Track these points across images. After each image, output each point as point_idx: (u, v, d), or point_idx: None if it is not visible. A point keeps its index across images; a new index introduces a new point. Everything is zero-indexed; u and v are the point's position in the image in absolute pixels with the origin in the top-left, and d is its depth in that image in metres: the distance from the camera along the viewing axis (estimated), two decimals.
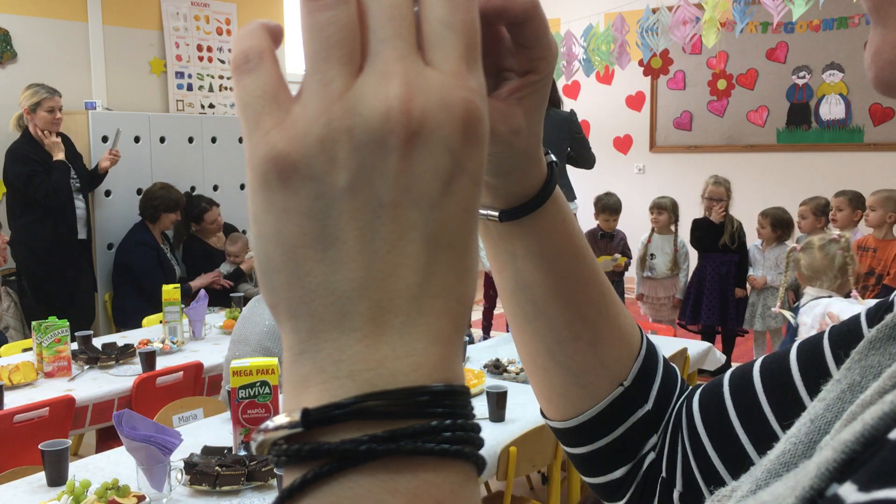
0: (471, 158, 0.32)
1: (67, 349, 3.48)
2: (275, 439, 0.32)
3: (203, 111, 6.30)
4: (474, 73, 0.33)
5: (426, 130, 0.31)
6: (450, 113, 0.32)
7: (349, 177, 0.31)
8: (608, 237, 5.94)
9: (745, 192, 6.51)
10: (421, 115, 0.31)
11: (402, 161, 0.31)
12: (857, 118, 7.73)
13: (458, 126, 0.32)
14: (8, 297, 4.78)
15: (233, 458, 2.29)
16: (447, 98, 0.32)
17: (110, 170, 5.15)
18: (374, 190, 0.32)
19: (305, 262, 0.32)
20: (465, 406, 0.33)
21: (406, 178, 0.31)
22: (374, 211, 0.32)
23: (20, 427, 2.88)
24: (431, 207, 0.32)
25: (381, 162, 0.31)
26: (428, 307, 0.33)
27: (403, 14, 0.33)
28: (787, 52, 7.97)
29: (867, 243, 4.91)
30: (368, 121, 0.31)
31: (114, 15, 5.76)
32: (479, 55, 0.34)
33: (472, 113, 0.32)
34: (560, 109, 5.34)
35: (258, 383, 2.38)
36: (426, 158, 0.31)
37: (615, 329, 0.63)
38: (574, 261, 0.60)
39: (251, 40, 0.34)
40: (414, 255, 0.32)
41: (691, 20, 5.93)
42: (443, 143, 0.32)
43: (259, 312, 3.29)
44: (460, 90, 0.32)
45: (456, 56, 0.33)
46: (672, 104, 8.61)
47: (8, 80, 5.18)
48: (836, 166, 7.77)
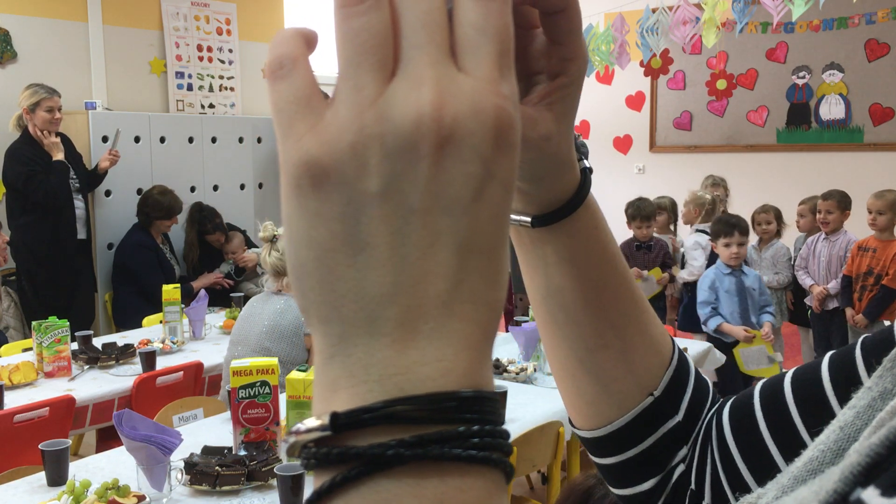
0: (502, 166, 0.32)
1: (67, 349, 3.48)
2: (305, 442, 0.32)
3: (203, 111, 6.30)
4: (507, 78, 0.33)
5: (457, 137, 0.31)
6: (481, 119, 0.32)
7: (380, 182, 0.32)
8: (645, 248, 5.45)
9: (745, 192, 6.51)
10: (452, 122, 0.31)
11: (433, 167, 0.31)
12: (857, 118, 7.73)
13: (490, 133, 0.32)
14: (8, 297, 4.78)
15: (233, 457, 2.29)
16: (479, 104, 0.32)
17: (110, 170, 5.15)
18: (404, 196, 0.32)
19: (336, 267, 0.32)
20: (494, 412, 0.33)
21: (437, 185, 0.32)
22: (404, 217, 0.32)
23: (20, 427, 2.88)
24: (462, 214, 0.32)
25: (412, 168, 0.31)
26: (458, 313, 0.33)
27: (437, 20, 0.33)
28: (787, 52, 7.97)
29: (868, 244, 4.91)
30: (400, 127, 0.31)
31: (114, 15, 5.76)
32: (512, 61, 0.34)
33: (504, 119, 0.32)
34: None
35: (258, 383, 2.39)
36: (457, 165, 0.32)
37: (646, 338, 0.62)
38: (606, 268, 0.59)
39: (285, 46, 0.34)
40: (444, 261, 0.32)
41: (691, 20, 5.93)
42: (474, 149, 0.32)
43: (258, 313, 3.30)
44: (492, 96, 0.32)
45: (489, 62, 0.33)
46: (672, 104, 8.60)
47: (8, 80, 5.18)
48: (836, 166, 7.77)
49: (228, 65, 6.48)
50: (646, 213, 5.36)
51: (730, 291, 4.51)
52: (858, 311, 4.86)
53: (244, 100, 6.60)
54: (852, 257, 4.97)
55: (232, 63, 6.50)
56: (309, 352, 3.22)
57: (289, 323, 3.20)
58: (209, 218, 5.53)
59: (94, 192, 5.26)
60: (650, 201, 5.60)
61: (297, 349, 3.20)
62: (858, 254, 4.93)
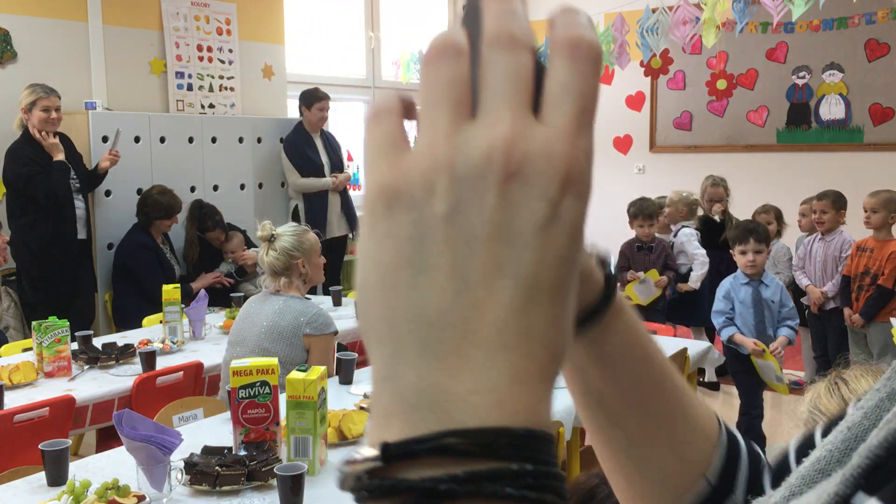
0: (569, 210, 0.33)
1: (67, 349, 3.48)
2: (358, 473, 0.32)
3: (203, 111, 6.30)
4: (584, 134, 0.34)
5: (525, 173, 0.33)
6: (551, 162, 0.33)
7: (447, 207, 0.33)
8: (646, 249, 5.37)
9: (745, 193, 6.51)
10: (521, 158, 0.33)
11: (498, 198, 0.33)
12: (857, 118, 7.72)
13: (559, 176, 0.33)
14: (8, 297, 4.78)
15: (233, 457, 2.29)
16: (551, 149, 0.33)
17: (110, 170, 5.15)
18: (469, 222, 0.33)
19: (398, 286, 0.33)
20: (548, 452, 0.33)
21: (501, 215, 0.33)
22: (467, 242, 0.33)
23: (20, 427, 2.88)
24: (524, 247, 0.33)
25: (478, 196, 0.33)
26: (513, 345, 0.33)
27: (521, 75, 0.34)
28: (787, 52, 7.97)
29: (867, 244, 4.92)
30: (470, 157, 0.33)
31: (114, 15, 5.76)
32: (593, 120, 0.35)
33: (575, 167, 0.33)
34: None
35: (258, 383, 2.39)
36: (522, 200, 0.33)
37: (693, 425, 0.62)
38: (643, 367, 0.59)
39: (385, 101, 0.37)
40: (503, 290, 0.33)
41: (691, 20, 5.93)
42: (540, 189, 0.33)
43: (256, 313, 3.29)
44: (566, 145, 0.33)
45: (569, 115, 0.34)
46: (672, 104, 8.60)
47: (8, 80, 5.18)
48: (836, 166, 7.77)
49: (228, 65, 6.48)
50: (648, 212, 5.33)
51: (745, 302, 4.28)
52: (856, 311, 4.87)
53: (244, 100, 6.60)
54: (851, 257, 4.98)
55: (232, 63, 6.50)
56: (308, 352, 3.22)
57: (287, 323, 3.19)
58: (209, 215, 5.53)
59: (95, 192, 5.26)
60: (652, 200, 5.58)
61: (296, 350, 3.19)
62: (857, 254, 4.94)
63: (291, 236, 3.33)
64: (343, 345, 4.14)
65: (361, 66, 8.15)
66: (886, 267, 4.74)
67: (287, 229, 3.38)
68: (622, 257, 5.32)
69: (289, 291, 3.31)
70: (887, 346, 4.80)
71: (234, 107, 6.52)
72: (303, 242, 3.35)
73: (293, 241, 3.32)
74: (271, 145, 6.36)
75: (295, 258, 3.30)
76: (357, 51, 8.11)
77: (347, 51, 8.02)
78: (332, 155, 6.39)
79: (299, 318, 3.20)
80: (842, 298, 5.03)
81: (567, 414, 2.90)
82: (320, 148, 6.33)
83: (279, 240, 3.31)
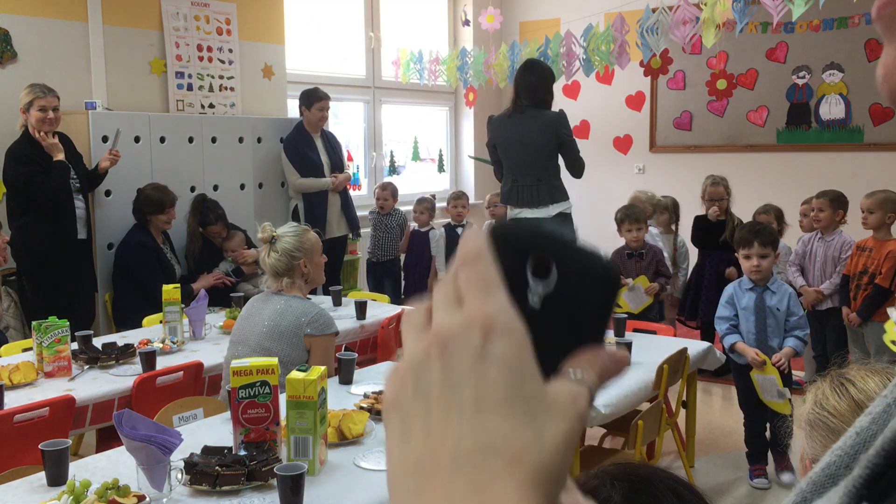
0: (497, 347, 0.42)
1: (67, 349, 3.48)
2: None
3: (203, 111, 6.30)
4: (491, 297, 0.44)
5: (451, 341, 0.43)
6: (469, 326, 0.43)
7: (413, 386, 0.44)
8: (637, 256, 5.17)
9: (745, 192, 6.51)
10: (447, 333, 0.43)
11: (439, 362, 0.43)
12: (857, 118, 7.73)
13: (477, 331, 0.43)
14: (8, 297, 4.78)
15: (233, 457, 2.29)
16: (467, 318, 0.43)
17: (110, 170, 5.15)
18: (426, 384, 0.43)
19: (393, 450, 0.43)
20: None
21: (444, 373, 0.42)
22: (426, 402, 0.43)
23: (20, 427, 2.89)
24: (463, 385, 0.42)
25: (426, 366, 0.43)
26: (470, 464, 0.40)
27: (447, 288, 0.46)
28: (787, 51, 7.97)
29: (866, 244, 4.93)
30: (415, 352, 0.45)
31: (114, 15, 5.76)
32: (490, 286, 0.44)
33: (490, 320, 0.43)
34: (549, 110, 5.27)
35: (258, 383, 2.39)
36: (455, 358, 0.43)
37: None
38: None
39: (414, 316, 0.47)
40: (454, 422, 0.41)
41: (691, 20, 5.93)
42: (465, 344, 0.43)
43: (258, 313, 3.29)
44: (477, 312, 0.43)
45: (473, 295, 0.44)
46: (672, 104, 8.60)
47: (8, 80, 5.18)
48: (836, 166, 7.77)
49: (228, 65, 6.48)
50: (636, 216, 5.18)
51: (747, 309, 4.01)
52: (853, 310, 4.88)
53: (244, 100, 6.60)
54: (851, 257, 4.99)
55: (232, 63, 6.50)
56: (308, 352, 3.22)
57: (288, 323, 3.20)
58: (211, 209, 5.54)
59: (95, 192, 5.26)
60: (638, 206, 5.51)
61: (297, 349, 3.19)
62: (857, 253, 4.96)
63: (292, 237, 3.33)
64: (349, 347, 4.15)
65: (361, 66, 8.15)
66: (884, 266, 4.75)
67: (287, 230, 3.37)
68: None
69: (291, 291, 3.31)
70: (884, 345, 4.80)
71: (234, 107, 6.52)
72: (304, 242, 3.35)
73: (294, 241, 3.32)
74: (271, 145, 6.36)
75: (296, 258, 3.30)
76: (357, 51, 8.12)
77: (347, 51, 8.02)
78: (332, 155, 6.39)
79: (301, 317, 3.20)
80: (841, 298, 5.03)
81: None
82: (320, 148, 6.33)
83: (280, 241, 3.31)
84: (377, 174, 8.30)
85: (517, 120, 5.19)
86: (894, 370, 1.25)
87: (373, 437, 2.61)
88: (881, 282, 4.75)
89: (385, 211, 6.85)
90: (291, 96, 6.84)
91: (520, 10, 9.41)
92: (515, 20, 9.38)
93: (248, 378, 2.38)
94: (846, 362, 1.43)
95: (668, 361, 3.52)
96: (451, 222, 6.78)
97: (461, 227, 6.72)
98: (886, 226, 4.85)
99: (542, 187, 5.14)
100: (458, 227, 6.73)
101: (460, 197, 6.82)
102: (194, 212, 5.53)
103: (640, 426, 3.19)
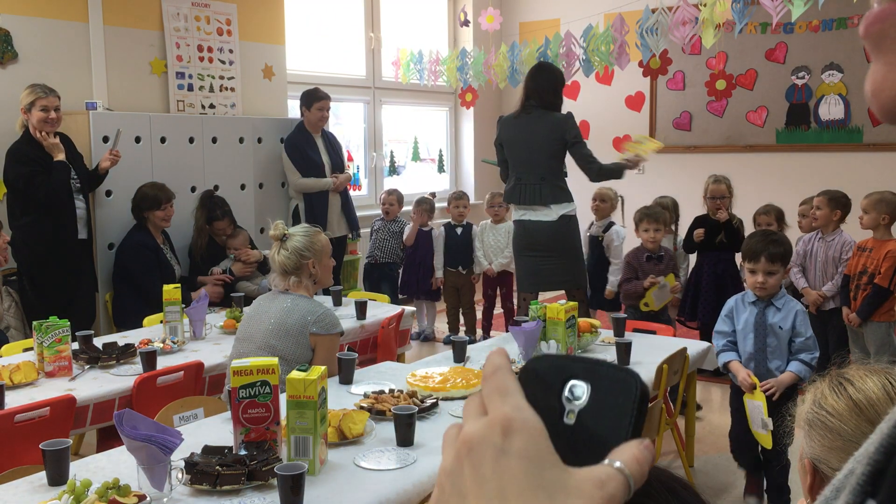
0: (515, 443, 0.48)
1: (68, 349, 3.48)
2: None
3: (204, 111, 6.31)
4: (507, 401, 0.50)
5: (475, 442, 0.49)
6: (490, 427, 0.49)
7: (450, 484, 0.50)
8: (656, 258, 5.09)
9: (745, 193, 6.51)
10: (470, 437, 0.50)
11: (467, 462, 0.49)
12: (857, 118, 7.73)
13: (497, 430, 0.49)
14: (9, 297, 4.78)
15: (233, 457, 2.29)
16: (490, 422, 0.50)
17: (111, 170, 5.16)
18: (462, 487, 0.49)
19: None
20: None
21: (475, 471, 0.49)
22: (462, 497, 0.49)
23: (21, 427, 2.89)
24: (489, 480, 0.48)
25: (458, 472, 0.50)
26: None
27: (474, 402, 0.53)
28: (787, 52, 7.98)
29: (867, 244, 4.95)
30: (448, 458, 0.51)
31: (114, 15, 5.76)
32: (506, 391, 0.51)
33: (508, 420, 0.49)
34: (557, 112, 5.28)
35: (258, 383, 2.39)
36: (479, 456, 0.49)
37: None
38: None
39: (450, 431, 0.54)
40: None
41: (691, 20, 5.93)
42: (486, 442, 0.49)
43: (265, 311, 3.30)
44: (496, 412, 0.50)
45: (492, 400, 0.51)
46: (671, 104, 8.61)
47: (8, 80, 5.19)
48: (836, 166, 7.77)
49: (229, 65, 6.48)
50: (655, 216, 5.16)
51: (746, 327, 3.61)
52: (853, 310, 4.89)
53: (244, 100, 6.60)
54: (852, 257, 5.00)
55: (232, 63, 6.50)
56: (313, 351, 3.23)
57: (294, 322, 3.21)
58: (219, 205, 5.59)
59: (95, 193, 5.26)
60: (660, 206, 5.52)
61: (302, 348, 3.20)
62: (857, 253, 4.97)
63: (303, 237, 3.35)
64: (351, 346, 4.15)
65: (361, 67, 8.16)
66: (883, 266, 4.76)
67: (299, 230, 3.39)
68: (629, 268, 5.20)
69: (297, 290, 3.32)
70: (884, 344, 4.81)
71: (235, 107, 6.52)
72: (314, 243, 3.36)
73: (305, 241, 3.33)
74: (272, 145, 6.37)
75: (306, 258, 3.31)
76: (357, 51, 8.12)
77: (347, 51, 8.02)
78: (332, 155, 6.39)
79: (307, 316, 3.21)
80: (841, 298, 5.05)
81: None
82: (321, 148, 6.33)
83: (291, 239, 3.32)
84: (377, 174, 8.30)
85: (524, 120, 5.22)
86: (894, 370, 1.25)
87: (373, 437, 2.62)
88: (880, 281, 4.75)
89: (391, 217, 6.85)
90: (292, 96, 6.85)
91: (520, 11, 9.42)
92: (515, 20, 9.39)
93: (249, 378, 2.39)
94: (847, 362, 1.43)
95: (667, 361, 3.52)
96: (452, 222, 6.78)
97: (461, 227, 6.73)
98: (884, 226, 4.86)
99: (544, 187, 5.15)
100: (457, 227, 6.73)
101: (461, 197, 6.83)
102: (202, 207, 5.57)
103: None
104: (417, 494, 2.25)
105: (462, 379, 3.14)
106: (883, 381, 1.13)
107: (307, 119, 6.28)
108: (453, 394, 3.04)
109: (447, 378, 3.16)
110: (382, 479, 2.29)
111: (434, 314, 7.05)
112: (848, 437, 1.11)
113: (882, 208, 4.82)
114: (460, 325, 6.89)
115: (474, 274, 6.71)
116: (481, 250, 6.64)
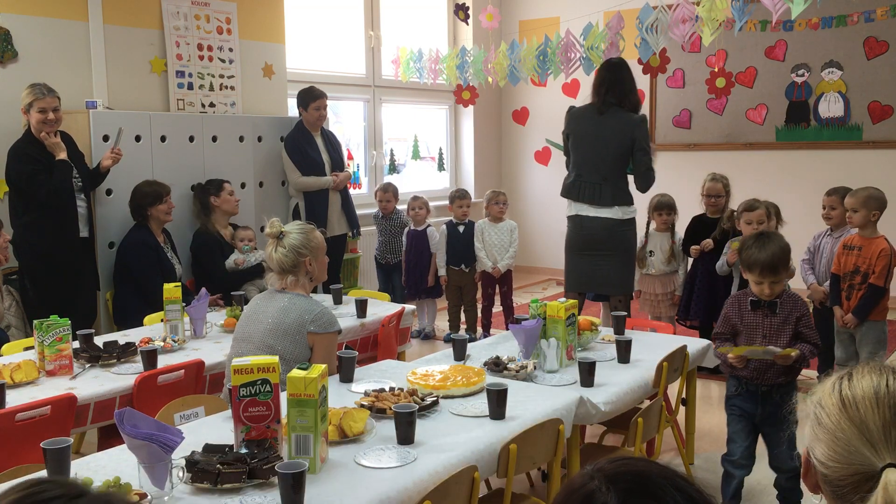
0: None
1: (69, 347, 3.49)
2: None
3: (204, 110, 6.31)
4: None
5: None
6: None
7: None
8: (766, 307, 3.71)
9: (745, 190, 6.51)
10: None
11: None
12: (856, 116, 7.73)
13: None
14: (10, 296, 4.78)
15: (234, 455, 2.30)
16: None
17: (112, 169, 5.16)
18: None
19: None
20: None
21: None
22: None
23: (22, 425, 2.89)
24: None
25: None
26: None
27: None
28: (786, 50, 7.98)
29: (853, 242, 4.86)
30: None
31: (114, 14, 5.76)
32: None
33: None
34: (634, 114, 5.12)
35: (259, 381, 2.40)
36: None
37: None
38: None
39: None
40: None
41: (690, 18, 5.93)
42: None
43: (262, 310, 3.30)
44: None
45: None
46: (671, 102, 8.61)
47: (9, 80, 5.19)
48: (835, 164, 7.78)
49: (229, 64, 6.49)
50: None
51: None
52: (847, 311, 4.84)
53: (244, 99, 6.61)
54: (838, 256, 4.91)
55: (232, 62, 6.50)
56: (311, 350, 3.23)
57: (292, 321, 3.21)
58: (212, 182, 5.70)
59: (96, 191, 5.27)
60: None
61: (300, 347, 3.20)
62: (844, 252, 4.89)
63: (299, 234, 3.35)
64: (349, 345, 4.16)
65: (361, 65, 8.16)
66: (877, 266, 4.71)
67: (294, 227, 3.39)
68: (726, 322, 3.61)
69: (294, 289, 3.32)
70: (878, 343, 4.78)
71: (235, 106, 6.53)
72: (310, 240, 3.37)
73: (301, 238, 3.33)
74: (272, 144, 6.37)
75: (303, 255, 3.32)
76: (357, 50, 8.12)
77: (347, 49, 8.03)
78: (332, 153, 6.40)
79: (304, 315, 3.21)
80: (831, 297, 5.00)
81: (567, 412, 2.91)
82: (321, 146, 6.34)
83: (287, 237, 3.32)
84: (377, 173, 8.31)
85: (597, 117, 5.10)
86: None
87: (373, 436, 2.62)
88: (875, 281, 4.71)
89: (388, 212, 6.86)
90: (292, 95, 6.85)
91: (519, 9, 9.42)
92: (515, 19, 9.39)
93: (249, 376, 2.39)
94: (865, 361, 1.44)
95: (667, 359, 3.53)
96: (454, 220, 6.79)
97: (463, 226, 6.73)
98: (872, 223, 4.82)
99: (605, 186, 5.06)
100: (459, 226, 6.74)
101: (464, 196, 6.82)
102: (197, 196, 5.72)
103: (640, 424, 3.20)
104: (418, 492, 2.25)
105: (462, 377, 3.15)
106: (877, 382, 1.13)
107: (306, 119, 6.28)
108: (453, 392, 3.04)
109: (447, 376, 3.17)
110: (383, 477, 2.30)
111: (434, 312, 7.05)
112: (831, 431, 1.12)
113: (872, 205, 4.76)
114: (461, 323, 6.89)
115: (477, 272, 6.72)
116: (483, 249, 6.64)
